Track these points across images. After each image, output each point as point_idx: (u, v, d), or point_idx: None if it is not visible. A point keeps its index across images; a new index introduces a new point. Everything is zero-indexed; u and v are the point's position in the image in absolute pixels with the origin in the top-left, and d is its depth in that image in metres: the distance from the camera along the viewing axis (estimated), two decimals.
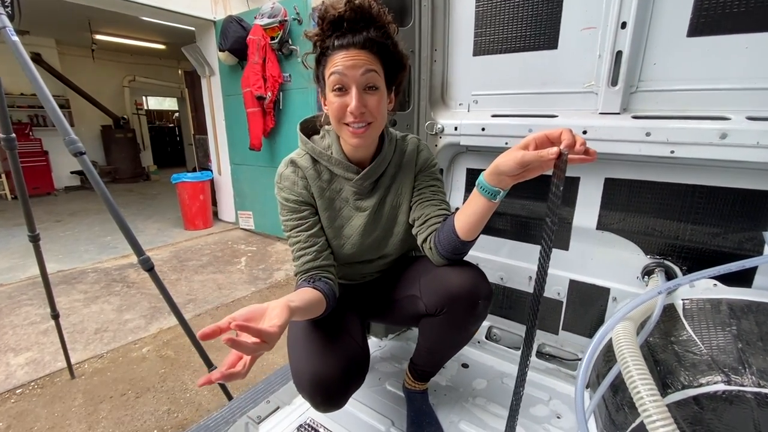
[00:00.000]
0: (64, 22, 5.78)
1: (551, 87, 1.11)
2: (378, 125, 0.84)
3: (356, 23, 0.76)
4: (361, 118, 0.79)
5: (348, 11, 0.75)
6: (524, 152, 0.65)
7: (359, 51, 0.77)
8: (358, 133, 0.81)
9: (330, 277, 0.89)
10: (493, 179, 0.72)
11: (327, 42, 0.78)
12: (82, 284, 3.04)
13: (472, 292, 0.85)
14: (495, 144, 1.17)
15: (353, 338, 0.87)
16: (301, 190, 0.91)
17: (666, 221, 1.04)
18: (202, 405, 1.77)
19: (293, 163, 0.92)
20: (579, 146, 0.61)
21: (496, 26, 1.15)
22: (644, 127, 0.94)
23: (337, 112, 0.80)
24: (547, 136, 0.64)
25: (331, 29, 0.77)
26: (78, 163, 1.15)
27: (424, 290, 0.91)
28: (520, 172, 0.68)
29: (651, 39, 0.95)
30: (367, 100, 0.79)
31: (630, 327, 0.82)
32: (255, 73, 3.45)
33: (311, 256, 0.89)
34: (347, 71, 0.76)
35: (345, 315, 0.93)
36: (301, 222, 0.90)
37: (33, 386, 1.89)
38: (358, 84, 0.77)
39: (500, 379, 1.27)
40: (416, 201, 0.95)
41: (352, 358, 0.83)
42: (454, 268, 0.89)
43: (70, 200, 6.33)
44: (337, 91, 0.79)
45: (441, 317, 0.89)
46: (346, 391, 0.82)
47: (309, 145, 0.91)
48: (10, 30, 1.05)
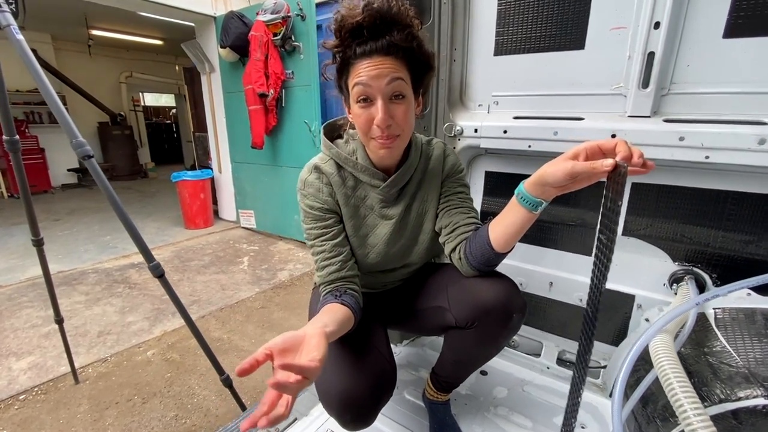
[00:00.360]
0: (60, 18, 5.68)
1: (577, 88, 1.08)
2: (406, 136, 0.80)
3: (377, 28, 0.71)
4: (389, 130, 0.75)
5: (366, 17, 0.70)
6: (575, 163, 0.61)
7: (383, 57, 0.72)
8: (386, 144, 0.77)
9: (355, 289, 0.86)
10: (536, 190, 0.69)
11: (348, 51, 0.74)
12: (83, 285, 3.00)
13: (506, 305, 0.82)
14: (518, 147, 1.14)
15: (380, 352, 0.84)
16: (327, 197, 0.87)
17: (696, 227, 1.01)
18: (210, 410, 1.74)
19: (317, 169, 0.88)
20: (637, 158, 0.57)
21: (520, 25, 1.12)
22: (677, 131, 0.91)
23: (364, 125, 0.76)
24: (599, 147, 0.61)
25: (350, 37, 0.72)
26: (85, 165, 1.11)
27: (453, 302, 0.88)
28: (567, 183, 0.64)
29: (685, 40, 0.92)
30: (394, 111, 0.75)
31: (669, 341, 0.80)
32: (257, 70, 3.40)
33: (336, 266, 0.85)
34: (371, 81, 0.72)
35: (370, 327, 0.90)
36: (326, 231, 0.87)
37: (36, 392, 1.85)
38: (384, 94, 0.73)
39: (521, 387, 1.25)
40: (443, 208, 0.92)
41: (380, 374, 0.80)
42: (485, 279, 0.85)
43: (67, 198, 6.25)
44: (362, 103, 0.75)
45: (471, 331, 0.85)
46: (375, 408, 0.79)
47: (333, 151, 0.88)
48: (14, 28, 1.00)
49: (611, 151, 0.59)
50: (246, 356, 1.74)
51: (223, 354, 2.14)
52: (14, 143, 1.24)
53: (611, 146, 0.59)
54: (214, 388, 1.86)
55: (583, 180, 0.62)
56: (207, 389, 1.86)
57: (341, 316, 0.74)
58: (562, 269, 1.24)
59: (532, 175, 0.69)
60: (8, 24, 0.99)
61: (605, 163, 0.57)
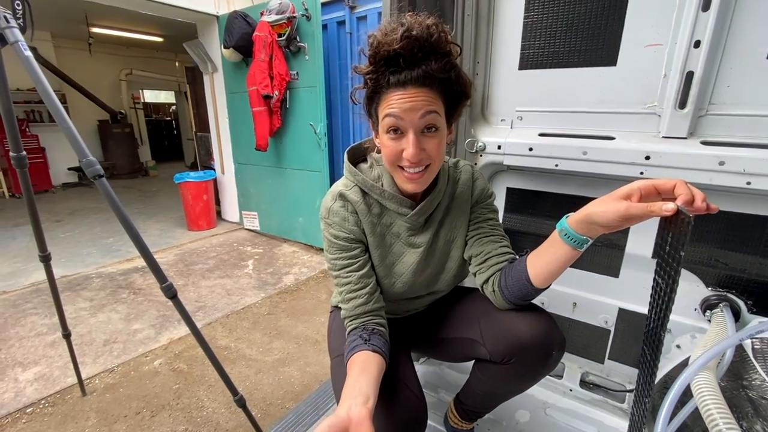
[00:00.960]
0: (61, 16, 5.60)
1: (607, 106, 1.04)
2: (436, 167, 0.76)
3: (414, 57, 0.66)
4: (419, 164, 0.72)
5: (405, 46, 0.65)
6: (629, 204, 0.57)
7: (418, 89, 0.68)
8: (414, 178, 0.74)
9: (382, 323, 0.83)
10: (582, 228, 0.65)
11: (381, 80, 0.69)
12: (87, 291, 2.96)
13: (545, 342, 0.78)
14: (544, 165, 1.10)
15: (412, 391, 0.80)
16: (353, 226, 0.83)
17: (732, 253, 0.98)
18: (220, 424, 1.71)
19: (342, 197, 0.84)
20: (700, 202, 0.53)
21: (547, 39, 1.07)
22: (717, 155, 0.87)
23: (392, 157, 0.73)
24: (655, 187, 0.57)
25: (385, 66, 0.68)
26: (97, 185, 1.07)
27: (486, 335, 0.84)
28: (619, 224, 0.60)
29: (726, 59, 0.88)
30: (426, 144, 0.71)
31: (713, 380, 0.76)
32: (261, 71, 3.34)
33: (363, 299, 0.82)
34: (404, 114, 0.68)
35: (397, 362, 0.86)
36: (352, 261, 0.83)
37: (44, 404, 1.82)
38: (416, 128, 0.69)
39: (543, 410, 1.22)
40: (473, 236, 0.88)
41: (415, 416, 0.77)
42: (522, 313, 0.82)
43: (68, 198, 6.20)
44: (392, 134, 0.71)
45: (507, 366, 0.82)
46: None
47: (359, 177, 0.83)
48: (23, 45, 0.95)
49: (669, 192, 0.56)
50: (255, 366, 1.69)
51: (231, 363, 2.11)
52: (21, 159, 1.20)
53: (669, 187, 0.55)
54: (223, 400, 1.83)
55: (633, 220, 0.59)
56: (216, 401, 1.83)
57: (376, 372, 0.70)
58: (587, 290, 1.20)
59: (578, 211, 0.65)
60: (16, 40, 0.95)
61: (666, 207, 0.53)
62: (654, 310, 0.58)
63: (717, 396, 0.72)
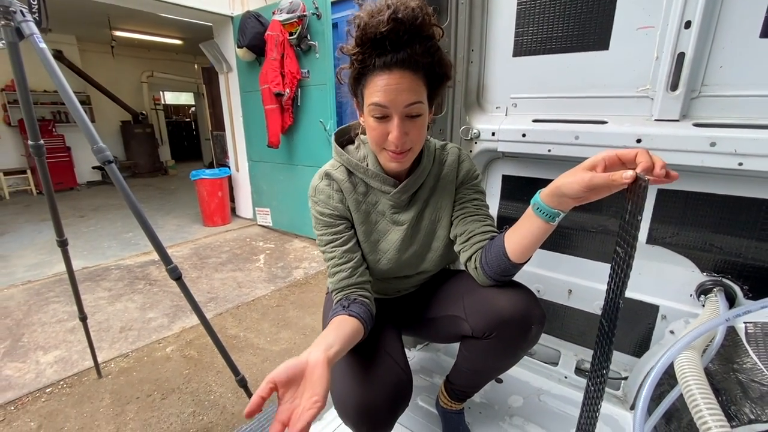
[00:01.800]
0: (85, 20, 5.84)
1: (600, 91, 1.04)
2: (418, 148, 0.79)
3: (399, 39, 0.68)
4: (402, 146, 0.75)
5: (391, 29, 0.66)
6: (593, 174, 0.59)
7: (402, 72, 0.70)
8: (397, 158, 0.77)
9: (366, 295, 0.85)
10: (552, 201, 0.66)
11: (367, 60, 0.71)
12: (106, 281, 3.09)
13: (525, 317, 0.80)
14: (537, 151, 1.10)
15: (395, 361, 0.83)
16: (337, 203, 0.86)
17: (726, 237, 0.96)
18: (226, 408, 1.77)
19: (328, 176, 0.88)
20: (659, 169, 0.54)
21: (540, 25, 1.08)
22: (708, 136, 0.86)
23: (378, 139, 0.76)
24: (618, 157, 0.58)
25: (371, 47, 0.70)
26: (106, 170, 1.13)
27: (469, 311, 0.86)
28: (584, 195, 0.61)
29: (718, 40, 0.87)
30: (409, 129, 0.74)
31: (695, 357, 0.76)
32: (273, 69, 3.41)
33: (347, 272, 0.85)
34: (389, 102, 0.71)
35: (385, 334, 0.89)
36: (337, 237, 0.86)
37: (62, 385, 1.91)
38: (401, 114, 0.72)
39: (537, 397, 1.22)
40: (458, 216, 0.90)
41: (396, 384, 0.79)
42: (503, 289, 0.83)
43: (92, 195, 6.45)
44: (377, 118, 0.74)
45: (488, 341, 0.84)
46: (392, 418, 0.78)
47: (344, 157, 0.87)
48: (38, 37, 1.02)
49: (631, 161, 0.57)
50: (262, 354, 1.75)
51: (239, 352, 2.17)
52: (39, 148, 1.28)
53: (631, 156, 0.56)
54: (230, 385, 1.89)
55: (601, 191, 0.60)
56: (223, 386, 1.89)
57: (349, 331, 0.73)
58: (582, 277, 1.20)
59: (549, 185, 0.66)
60: (32, 33, 1.02)
61: (625, 175, 0.54)
62: (614, 279, 0.59)
63: (698, 373, 0.72)
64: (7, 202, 5.97)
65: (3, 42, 1.04)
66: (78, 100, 1.08)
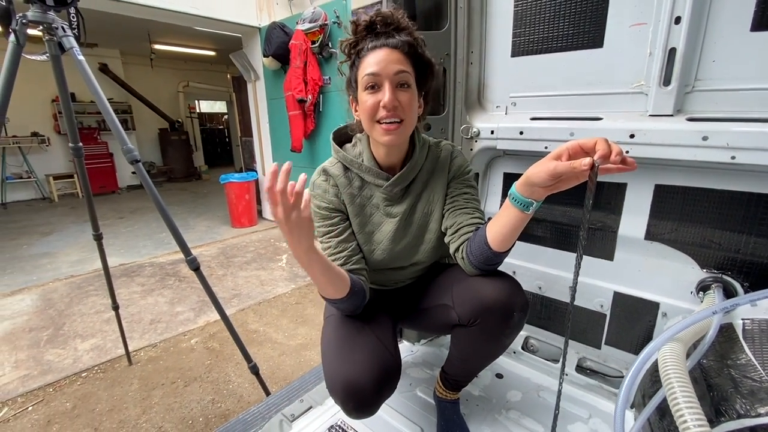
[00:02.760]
0: (128, 34, 6.27)
1: (595, 88, 1.05)
2: (409, 124, 0.84)
3: (387, 27, 0.82)
4: (394, 112, 0.81)
5: (379, 17, 0.82)
6: (557, 163, 0.62)
7: (392, 50, 0.80)
8: (390, 129, 0.81)
9: (362, 278, 0.91)
10: (525, 190, 0.70)
11: (361, 44, 0.83)
12: (140, 277, 3.30)
13: (507, 304, 0.83)
14: (534, 148, 1.13)
15: (385, 346, 0.87)
16: (332, 197, 0.93)
17: (725, 232, 0.95)
18: (243, 397, 1.86)
19: (325, 172, 0.95)
20: (615, 156, 0.57)
21: (536, 26, 1.11)
22: (701, 130, 0.86)
23: (370, 110, 0.82)
24: (580, 146, 0.61)
25: (364, 32, 0.83)
26: (134, 169, 1.24)
27: (456, 300, 0.90)
28: (553, 183, 0.65)
29: (709, 34, 0.87)
30: (400, 96, 0.81)
31: (678, 348, 0.76)
32: (297, 76, 3.56)
33: (342, 260, 0.90)
34: (380, 70, 0.79)
35: (377, 321, 0.94)
36: (332, 228, 0.92)
37: (96, 370, 2.07)
38: (392, 81, 0.80)
39: (536, 392, 1.22)
40: (449, 209, 0.94)
41: (384, 367, 0.83)
42: (488, 278, 0.87)
43: (131, 198, 6.87)
44: (370, 90, 0.81)
45: (474, 328, 0.87)
46: (377, 399, 0.83)
47: (340, 154, 0.93)
48: (76, 50, 1.15)
49: (591, 150, 0.60)
50: (279, 348, 1.86)
51: (258, 345, 2.27)
52: (78, 150, 1.42)
53: (591, 145, 0.60)
54: (247, 376, 1.98)
55: (569, 180, 0.63)
56: (241, 377, 1.99)
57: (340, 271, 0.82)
58: (582, 273, 1.19)
59: (522, 175, 0.70)
60: (71, 46, 1.15)
61: (583, 162, 0.58)
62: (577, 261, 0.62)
63: (678, 364, 0.72)
64: (56, 204, 6.45)
65: (47, 55, 1.18)
66: (121, 110, 1.22)
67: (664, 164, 0.98)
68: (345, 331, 0.89)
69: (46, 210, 6.02)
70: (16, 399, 1.85)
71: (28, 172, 6.65)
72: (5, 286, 3.16)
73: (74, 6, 1.18)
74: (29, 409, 1.79)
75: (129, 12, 3.49)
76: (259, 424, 1.14)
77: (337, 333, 0.90)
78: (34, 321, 2.60)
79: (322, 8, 3.37)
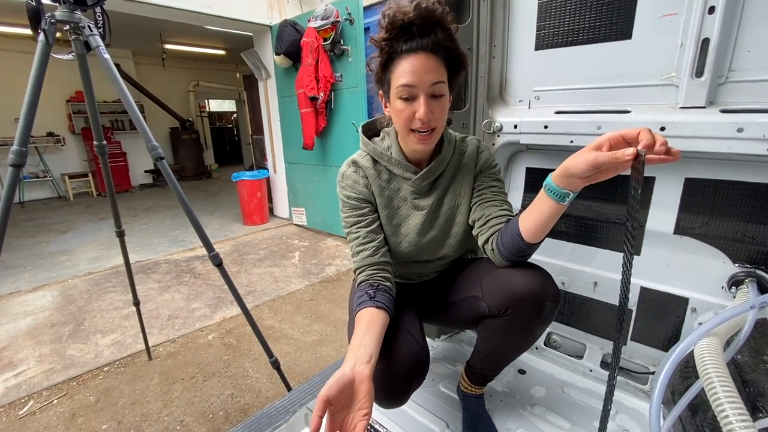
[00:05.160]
0: (140, 35, 6.34)
1: (623, 80, 1.04)
2: (440, 129, 0.85)
3: (424, 26, 0.76)
4: (429, 123, 0.80)
5: (417, 15, 0.75)
6: (597, 153, 0.61)
7: (427, 55, 0.77)
8: (425, 139, 0.82)
9: (388, 278, 0.91)
10: (562, 181, 0.69)
11: (395, 45, 0.78)
12: (156, 274, 3.34)
13: (539, 293, 0.82)
14: (559, 142, 1.11)
15: (414, 337, 0.88)
16: (362, 188, 0.94)
17: (759, 226, 0.93)
18: (261, 392, 1.88)
19: (355, 163, 0.95)
20: (659, 146, 0.56)
21: (562, 18, 1.09)
22: (736, 122, 0.85)
23: (406, 120, 0.81)
24: (622, 136, 0.60)
25: (399, 32, 0.77)
26: (158, 165, 1.26)
27: (486, 291, 0.89)
28: (592, 174, 0.64)
29: (744, 24, 0.85)
30: (434, 108, 0.80)
31: (715, 343, 0.75)
32: (308, 74, 3.56)
33: (370, 251, 0.91)
34: (416, 82, 0.77)
35: (404, 313, 0.94)
36: (361, 219, 0.93)
37: (117, 365, 2.11)
38: (427, 93, 0.78)
39: (560, 388, 1.22)
40: (476, 202, 0.94)
41: (413, 357, 0.84)
42: (519, 269, 0.86)
43: (144, 197, 6.96)
44: (405, 100, 0.80)
45: (504, 318, 0.87)
46: (408, 388, 0.83)
47: (370, 147, 0.94)
48: (103, 49, 1.17)
49: (634, 140, 0.59)
50: (295, 344, 1.89)
51: (275, 341, 2.29)
52: (102, 147, 1.44)
53: (634, 135, 0.58)
54: (265, 371, 2.00)
55: (608, 170, 0.62)
56: (259, 372, 2.01)
57: (380, 329, 0.79)
58: (607, 269, 1.19)
59: (559, 167, 0.69)
60: (97, 45, 1.17)
61: (627, 152, 0.57)
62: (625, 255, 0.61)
63: (717, 359, 0.71)
64: (72, 203, 6.57)
65: (73, 54, 1.19)
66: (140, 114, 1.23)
67: (696, 157, 0.97)
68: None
69: (62, 208, 6.13)
70: (41, 392, 1.89)
71: (44, 172, 6.78)
72: (27, 282, 3.23)
73: (100, 5, 1.19)
74: (54, 402, 1.83)
75: (143, 12, 3.52)
76: (284, 418, 1.15)
77: None
78: (56, 317, 2.65)
79: (333, 5, 3.37)
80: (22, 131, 1.07)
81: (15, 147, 1.07)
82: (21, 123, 1.08)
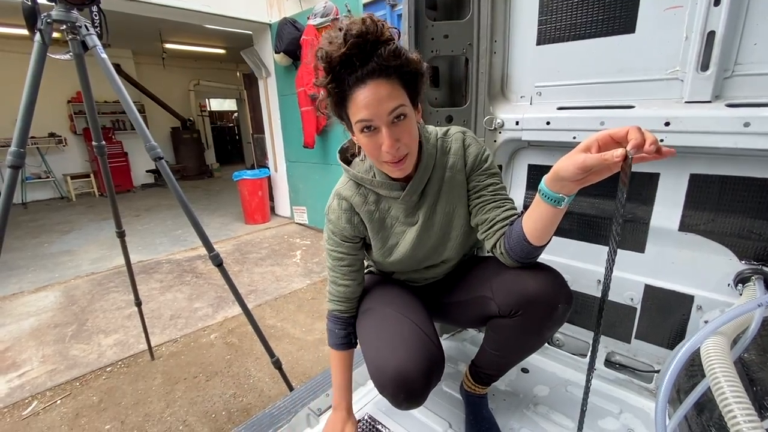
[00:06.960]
0: (140, 34, 6.33)
1: (627, 75, 1.02)
2: (414, 150, 0.80)
3: (362, 54, 0.69)
4: (397, 153, 0.75)
5: (352, 46, 0.67)
6: (586, 155, 0.59)
7: (377, 82, 0.70)
8: (399, 166, 0.78)
9: (355, 307, 1.02)
10: (554, 185, 0.66)
11: (342, 85, 0.72)
12: (158, 274, 3.34)
13: (552, 296, 0.81)
14: (561, 138, 1.10)
15: (428, 336, 0.86)
16: (344, 224, 0.92)
17: (766, 222, 0.91)
18: (264, 392, 1.87)
19: (338, 196, 0.93)
20: (649, 146, 0.54)
21: (564, 12, 1.08)
22: (742, 116, 0.83)
23: (373, 152, 0.77)
24: (611, 136, 0.58)
25: (341, 70, 0.70)
26: (157, 165, 1.25)
27: (497, 291, 0.87)
28: (583, 176, 0.61)
29: (751, 16, 0.84)
30: (399, 134, 0.74)
31: (722, 342, 0.74)
32: (308, 72, 3.55)
33: (351, 289, 0.98)
34: (373, 115, 0.72)
35: (416, 313, 0.93)
36: (343, 257, 0.96)
37: (120, 365, 2.11)
38: (387, 123, 0.73)
39: (564, 387, 1.21)
40: (476, 204, 0.90)
41: (430, 356, 0.82)
42: (531, 270, 0.85)
43: (146, 197, 6.97)
44: (366, 132, 0.75)
45: (515, 319, 0.85)
46: (426, 389, 0.82)
47: (351, 172, 0.91)
48: (99, 49, 1.16)
49: (624, 140, 0.56)
50: (297, 343, 1.91)
51: (277, 340, 2.29)
52: (101, 148, 1.43)
53: (623, 134, 0.56)
54: (267, 371, 2.00)
55: (600, 172, 0.60)
56: (261, 372, 2.00)
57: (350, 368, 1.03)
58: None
59: (550, 170, 0.67)
60: (94, 45, 1.16)
61: (615, 153, 0.55)
62: (609, 256, 0.60)
63: (724, 358, 0.70)
64: (74, 203, 6.59)
65: (71, 54, 1.19)
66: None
67: (701, 152, 0.95)
68: (387, 324, 0.88)
69: (64, 209, 6.14)
70: (44, 393, 1.90)
71: (46, 172, 6.79)
72: (29, 283, 3.24)
73: (97, 5, 1.18)
74: (58, 402, 1.83)
75: (143, 11, 3.51)
76: (286, 418, 1.15)
77: (379, 326, 0.89)
78: (59, 317, 2.66)
79: (333, 2, 3.35)
80: (20, 132, 1.07)
81: (13, 148, 1.07)
82: (19, 124, 1.07)
